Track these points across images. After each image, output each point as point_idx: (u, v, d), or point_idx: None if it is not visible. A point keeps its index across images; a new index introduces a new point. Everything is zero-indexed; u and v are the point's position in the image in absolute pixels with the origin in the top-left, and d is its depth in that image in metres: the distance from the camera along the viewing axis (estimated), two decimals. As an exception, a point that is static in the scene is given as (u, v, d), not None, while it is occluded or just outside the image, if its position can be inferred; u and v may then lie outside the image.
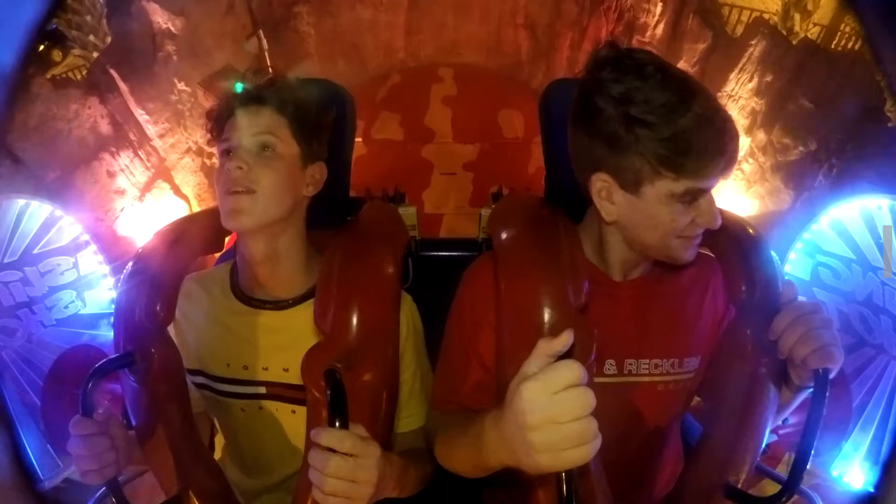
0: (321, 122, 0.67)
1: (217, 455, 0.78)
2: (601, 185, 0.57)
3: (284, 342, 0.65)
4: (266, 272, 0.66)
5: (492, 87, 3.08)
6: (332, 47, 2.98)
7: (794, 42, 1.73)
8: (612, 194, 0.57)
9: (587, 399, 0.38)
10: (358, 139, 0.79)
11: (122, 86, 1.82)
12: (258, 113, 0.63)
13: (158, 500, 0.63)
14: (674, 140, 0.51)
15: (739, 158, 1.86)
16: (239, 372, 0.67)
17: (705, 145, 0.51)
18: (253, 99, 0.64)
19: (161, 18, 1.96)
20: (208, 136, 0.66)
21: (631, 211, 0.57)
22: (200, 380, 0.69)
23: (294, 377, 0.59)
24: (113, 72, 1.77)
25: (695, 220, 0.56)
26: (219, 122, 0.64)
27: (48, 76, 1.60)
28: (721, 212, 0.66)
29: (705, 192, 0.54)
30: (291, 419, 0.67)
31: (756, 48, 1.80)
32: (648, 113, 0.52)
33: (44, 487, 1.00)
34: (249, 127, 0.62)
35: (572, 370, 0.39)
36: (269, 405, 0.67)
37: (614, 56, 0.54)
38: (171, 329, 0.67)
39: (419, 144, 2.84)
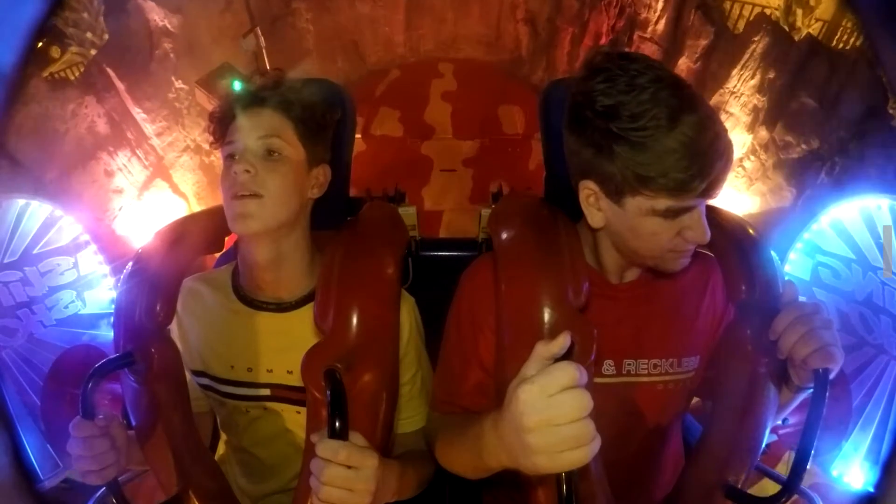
0: (326, 123, 0.66)
1: (217, 455, 0.78)
2: (588, 192, 0.57)
3: (287, 344, 0.65)
4: (269, 275, 0.66)
5: (492, 83, 3.06)
6: (331, 43, 2.96)
7: (797, 38, 1.71)
8: (599, 201, 0.57)
9: (584, 401, 0.38)
10: (357, 135, 0.79)
11: (119, 85, 1.81)
12: (263, 115, 0.62)
13: (158, 500, 0.63)
14: (652, 161, 0.50)
15: (741, 156, 1.85)
16: (243, 374, 0.67)
17: (685, 167, 0.50)
18: (257, 101, 0.63)
19: (157, 16, 1.95)
20: (211, 138, 0.65)
21: (615, 219, 0.57)
22: (205, 381, 0.69)
23: (298, 379, 0.59)
24: (109, 71, 1.76)
25: (682, 233, 0.55)
26: (222, 125, 0.64)
27: (46, 73, 1.59)
28: (720, 212, 0.65)
29: (689, 209, 0.53)
30: (297, 420, 0.67)
31: (759, 45, 1.78)
32: (631, 130, 0.50)
33: (44, 487, 1.00)
34: (254, 129, 0.61)
35: (569, 372, 0.39)
36: (274, 407, 0.67)
37: (607, 64, 0.53)
38: (173, 330, 0.67)
39: (419, 140, 2.83)
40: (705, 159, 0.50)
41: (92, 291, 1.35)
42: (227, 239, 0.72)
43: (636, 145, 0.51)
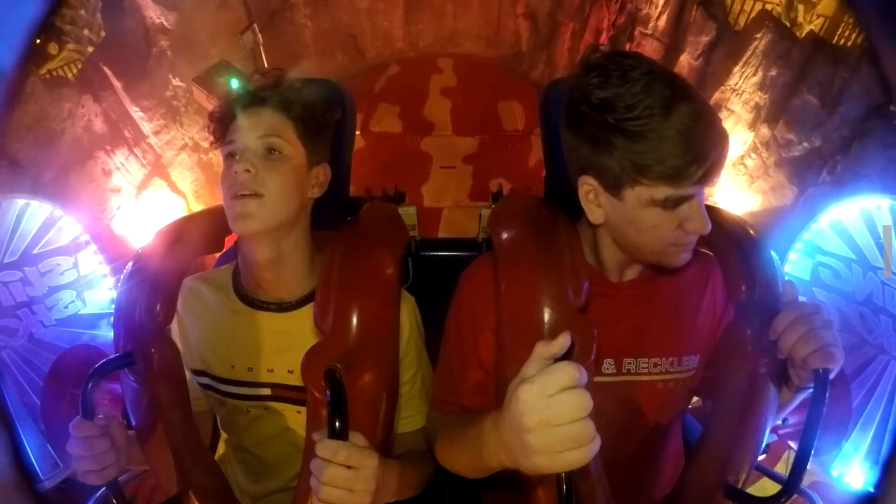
0: (326, 122, 0.66)
1: (218, 455, 0.78)
2: (587, 188, 0.57)
3: (287, 344, 0.65)
4: (270, 275, 0.66)
5: (492, 78, 3.05)
6: (330, 39, 2.94)
7: (799, 35, 1.70)
8: (598, 197, 0.57)
9: (584, 401, 0.39)
10: (356, 132, 0.78)
11: (116, 83, 1.80)
12: (263, 114, 0.62)
13: (158, 500, 0.63)
14: (649, 149, 0.51)
15: (742, 153, 1.84)
16: (243, 374, 0.67)
17: (682, 154, 0.50)
18: (257, 100, 0.63)
19: (154, 13, 1.93)
20: (210, 137, 0.65)
21: (615, 214, 0.57)
22: (205, 381, 0.69)
23: (298, 379, 0.59)
24: (106, 69, 1.75)
25: (682, 225, 0.55)
26: (222, 124, 0.64)
27: (44, 71, 1.58)
28: (720, 211, 0.65)
29: (688, 198, 0.53)
30: (297, 419, 0.67)
31: (761, 41, 1.77)
32: (627, 121, 0.51)
33: (44, 487, 1.00)
34: (254, 129, 0.61)
35: (568, 372, 0.39)
36: (275, 406, 0.68)
37: (602, 61, 0.54)
38: (173, 330, 0.67)
39: (418, 137, 2.82)
40: (702, 146, 0.51)
41: (92, 291, 1.35)
42: (227, 239, 0.71)
43: (633, 135, 0.51)
